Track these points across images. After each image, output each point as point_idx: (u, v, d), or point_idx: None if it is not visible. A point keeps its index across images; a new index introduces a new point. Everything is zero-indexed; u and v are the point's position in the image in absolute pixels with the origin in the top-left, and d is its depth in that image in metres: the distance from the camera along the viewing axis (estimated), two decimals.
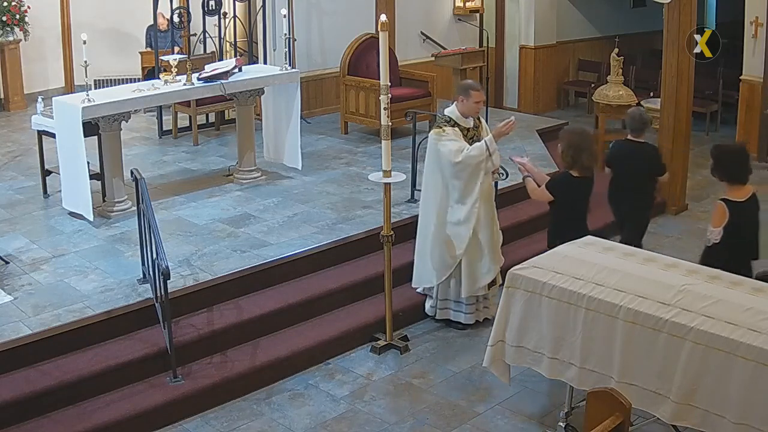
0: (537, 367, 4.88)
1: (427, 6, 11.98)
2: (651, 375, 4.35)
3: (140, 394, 5.22)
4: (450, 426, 5.20)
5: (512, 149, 9.18)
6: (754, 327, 4.06)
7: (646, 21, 13.66)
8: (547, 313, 4.73)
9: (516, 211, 7.86)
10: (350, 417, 5.30)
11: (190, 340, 5.60)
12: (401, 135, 9.07)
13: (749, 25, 10.31)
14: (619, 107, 9.65)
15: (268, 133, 8.44)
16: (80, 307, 5.61)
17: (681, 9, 8.25)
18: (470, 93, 5.99)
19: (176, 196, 7.74)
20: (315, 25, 10.70)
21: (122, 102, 7.03)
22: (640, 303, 4.39)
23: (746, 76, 10.49)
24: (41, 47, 11.52)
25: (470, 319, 6.32)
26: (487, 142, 5.93)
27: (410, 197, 7.56)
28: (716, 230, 5.12)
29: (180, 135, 9.79)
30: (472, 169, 5.93)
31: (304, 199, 7.70)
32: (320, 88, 10.77)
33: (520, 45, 12.79)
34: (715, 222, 5.16)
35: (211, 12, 9.57)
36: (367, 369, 5.87)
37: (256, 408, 5.40)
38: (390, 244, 5.99)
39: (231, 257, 6.42)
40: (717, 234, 5.12)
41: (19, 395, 4.92)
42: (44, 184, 7.76)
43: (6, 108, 11.00)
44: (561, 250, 5.06)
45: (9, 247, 6.53)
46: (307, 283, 6.40)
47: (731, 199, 5.17)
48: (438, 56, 10.15)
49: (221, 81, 7.62)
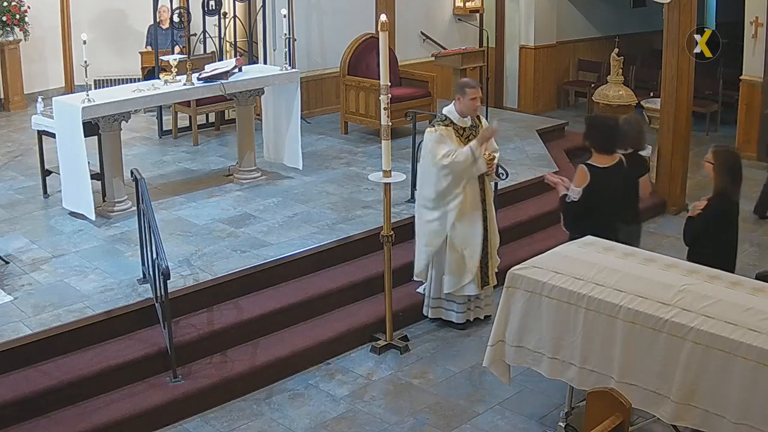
0: (537, 367, 4.88)
1: (427, 6, 11.98)
2: (651, 375, 4.35)
3: (140, 394, 5.22)
4: (450, 426, 5.20)
5: (512, 149, 9.20)
6: (754, 327, 4.06)
7: (646, 21, 13.66)
8: (547, 313, 4.73)
9: (516, 211, 7.87)
10: (350, 417, 5.31)
11: (190, 340, 5.60)
12: (401, 135, 9.07)
13: (749, 25, 10.31)
14: (619, 107, 9.66)
15: (268, 133, 8.44)
16: (80, 307, 5.62)
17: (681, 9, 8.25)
18: (465, 91, 5.99)
19: (176, 196, 7.74)
20: (315, 25, 10.70)
21: (122, 102, 7.03)
22: (640, 303, 4.39)
23: (746, 76, 10.49)
24: (41, 47, 11.52)
25: (461, 318, 6.32)
26: (472, 148, 5.92)
27: (410, 197, 7.56)
28: (576, 189, 5.54)
29: (180, 135, 9.79)
30: (456, 174, 5.93)
31: (304, 199, 7.71)
32: (320, 88, 10.77)
33: (520, 45, 12.80)
34: (576, 182, 5.58)
35: (211, 12, 9.57)
36: (367, 369, 5.87)
37: (256, 408, 5.40)
38: (390, 244, 5.99)
39: (231, 257, 6.42)
40: (576, 193, 5.53)
41: (19, 395, 4.92)
42: (44, 184, 7.76)
43: (6, 108, 11.00)
44: (561, 250, 5.06)
45: (9, 247, 6.53)
46: (307, 283, 6.40)
47: (593, 164, 5.59)
48: (438, 56, 10.15)
49: (221, 81, 7.62)
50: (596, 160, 5.62)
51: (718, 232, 5.28)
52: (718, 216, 5.28)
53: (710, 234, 5.27)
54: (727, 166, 5.31)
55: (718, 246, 5.26)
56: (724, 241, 5.32)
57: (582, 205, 5.53)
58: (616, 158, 5.67)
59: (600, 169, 5.56)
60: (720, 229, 5.28)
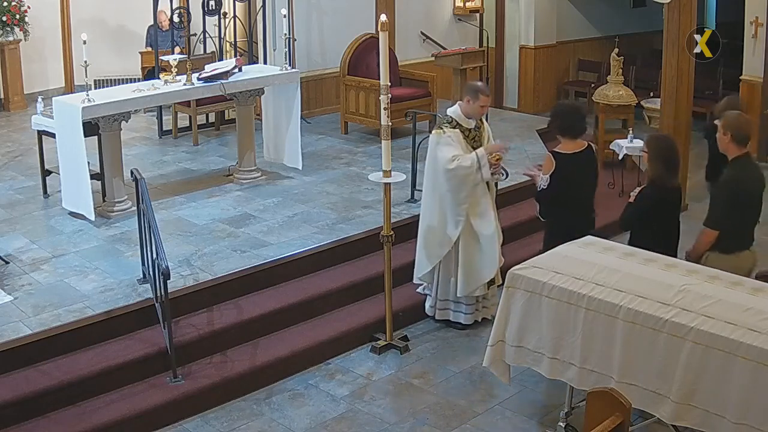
0: (537, 367, 4.88)
1: (427, 6, 11.98)
2: (651, 375, 4.35)
3: (140, 394, 5.22)
4: (450, 426, 5.20)
5: (512, 149, 9.18)
6: (754, 327, 4.06)
7: (646, 21, 13.66)
8: (547, 313, 4.73)
9: (516, 211, 7.87)
10: (350, 417, 5.30)
11: (190, 340, 5.60)
12: (401, 135, 9.07)
13: (749, 25, 10.30)
14: (619, 107, 9.65)
15: (268, 133, 8.44)
16: (80, 307, 5.62)
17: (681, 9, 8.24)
18: (479, 96, 5.98)
19: (176, 196, 7.75)
20: (315, 25, 10.70)
21: (122, 102, 7.03)
22: (640, 303, 4.39)
23: (746, 76, 10.48)
24: (41, 47, 11.53)
25: (470, 320, 6.32)
26: (478, 156, 5.94)
27: (410, 197, 7.57)
28: (544, 177, 5.70)
29: (180, 135, 9.79)
30: (459, 179, 5.94)
31: (304, 199, 7.70)
32: (320, 88, 10.78)
33: (520, 45, 12.80)
34: (544, 170, 5.75)
35: (211, 12, 9.57)
36: (367, 369, 5.87)
37: (256, 408, 5.40)
38: (390, 244, 5.99)
39: (231, 257, 6.42)
40: (544, 180, 5.70)
41: (19, 395, 4.92)
42: (44, 184, 7.77)
43: (6, 108, 11.00)
44: (561, 250, 5.06)
45: (9, 247, 6.53)
46: (307, 283, 6.40)
47: (559, 151, 5.74)
48: (438, 56, 10.15)
49: (221, 81, 7.62)
50: (563, 147, 5.77)
51: (654, 219, 5.37)
52: (652, 203, 5.37)
53: (646, 221, 5.38)
54: (660, 154, 5.40)
55: (657, 233, 5.34)
56: (662, 229, 5.39)
57: (550, 192, 5.67)
58: (583, 145, 5.79)
59: (566, 156, 5.70)
60: (655, 216, 5.37)
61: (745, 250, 5.28)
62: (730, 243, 5.20)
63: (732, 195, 5.17)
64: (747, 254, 5.30)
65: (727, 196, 5.20)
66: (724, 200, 5.21)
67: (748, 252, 5.30)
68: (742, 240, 5.29)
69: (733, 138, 5.17)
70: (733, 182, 5.19)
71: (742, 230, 5.27)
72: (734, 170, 5.20)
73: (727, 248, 5.19)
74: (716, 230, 5.19)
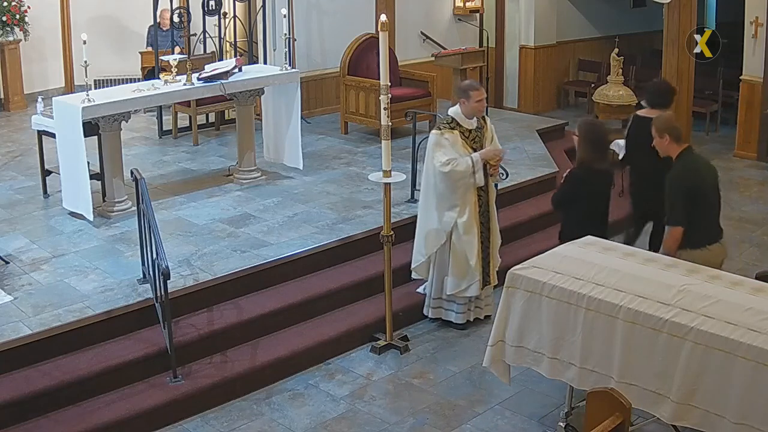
0: (537, 367, 4.88)
1: (427, 6, 11.98)
2: (651, 375, 4.35)
3: (140, 394, 5.22)
4: (450, 426, 5.21)
5: (512, 149, 9.18)
6: (754, 327, 4.06)
7: (646, 21, 13.67)
8: (547, 313, 4.73)
9: (516, 211, 7.87)
10: (350, 417, 5.31)
11: (190, 340, 5.60)
12: (401, 135, 9.07)
13: (749, 25, 10.30)
14: (619, 107, 9.66)
15: (268, 133, 8.44)
16: (80, 307, 5.61)
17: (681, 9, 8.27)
18: (470, 94, 5.99)
19: (176, 196, 7.74)
20: (315, 25, 10.70)
21: (122, 102, 7.03)
22: (640, 303, 4.39)
23: (746, 76, 10.48)
24: (41, 47, 11.52)
25: (461, 319, 6.32)
26: (473, 160, 5.95)
27: (410, 197, 7.56)
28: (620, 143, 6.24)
29: (180, 135, 9.79)
30: (452, 182, 5.95)
31: (304, 199, 7.70)
32: (320, 88, 10.77)
33: (520, 45, 12.80)
34: None
35: (211, 12, 9.57)
36: (367, 369, 5.87)
37: (256, 408, 5.40)
38: (390, 244, 5.99)
39: (231, 257, 6.42)
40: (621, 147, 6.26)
41: (19, 395, 4.92)
42: (44, 184, 7.76)
43: (6, 108, 11.00)
44: (561, 250, 5.07)
45: (9, 247, 6.53)
46: (307, 283, 6.40)
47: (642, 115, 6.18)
48: (438, 56, 10.15)
49: (221, 81, 7.62)
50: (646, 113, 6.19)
51: (582, 199, 5.61)
52: (580, 184, 5.62)
53: (575, 201, 5.63)
54: (589, 137, 5.66)
55: (585, 213, 5.58)
56: (590, 210, 5.62)
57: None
58: None
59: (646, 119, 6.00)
60: (583, 197, 5.60)
61: (715, 243, 5.36)
62: (699, 238, 5.29)
63: (685, 190, 5.26)
64: (717, 247, 5.37)
65: (681, 192, 5.28)
66: (678, 197, 5.28)
67: (718, 245, 5.38)
68: (710, 232, 5.38)
69: (672, 138, 5.35)
70: (683, 177, 5.29)
71: (705, 222, 5.34)
72: (682, 165, 5.33)
73: (698, 243, 5.28)
74: (679, 227, 5.26)
